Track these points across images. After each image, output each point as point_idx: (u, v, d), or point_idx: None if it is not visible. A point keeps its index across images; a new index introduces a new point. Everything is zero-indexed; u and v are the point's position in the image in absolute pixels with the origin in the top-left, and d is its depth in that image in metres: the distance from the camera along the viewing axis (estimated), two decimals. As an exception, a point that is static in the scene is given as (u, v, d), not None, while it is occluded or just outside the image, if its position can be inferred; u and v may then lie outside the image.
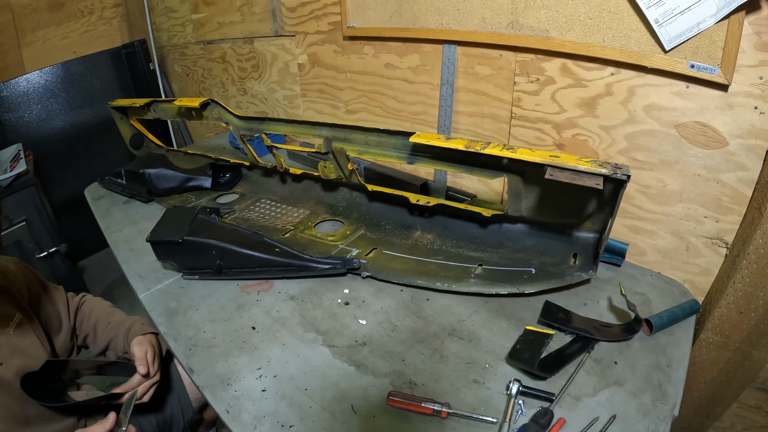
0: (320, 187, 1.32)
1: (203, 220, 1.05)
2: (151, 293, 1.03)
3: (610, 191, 0.82)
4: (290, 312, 0.95)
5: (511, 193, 0.95)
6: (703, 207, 0.92)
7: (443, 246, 1.07)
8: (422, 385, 0.77)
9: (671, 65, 0.85)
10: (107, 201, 1.48)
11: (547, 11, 0.97)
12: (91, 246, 2.55)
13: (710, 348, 0.95)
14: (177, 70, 2.48)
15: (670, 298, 0.93)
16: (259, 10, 1.69)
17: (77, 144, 2.41)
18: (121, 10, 2.54)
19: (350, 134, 1.10)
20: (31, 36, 2.27)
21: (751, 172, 0.84)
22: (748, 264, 0.84)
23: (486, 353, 0.82)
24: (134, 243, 1.22)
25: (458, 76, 1.22)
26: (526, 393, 0.73)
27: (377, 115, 1.48)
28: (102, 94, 2.44)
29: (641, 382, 0.75)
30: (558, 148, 1.10)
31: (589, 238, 0.93)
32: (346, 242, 1.13)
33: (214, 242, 1.00)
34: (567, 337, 0.84)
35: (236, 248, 1.00)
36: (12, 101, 2.22)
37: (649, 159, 0.96)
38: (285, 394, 0.76)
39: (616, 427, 0.68)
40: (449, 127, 1.28)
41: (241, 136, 1.32)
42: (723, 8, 0.75)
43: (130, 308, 1.11)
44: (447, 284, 0.95)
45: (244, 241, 1.02)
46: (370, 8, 1.30)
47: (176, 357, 0.87)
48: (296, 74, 1.71)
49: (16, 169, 1.89)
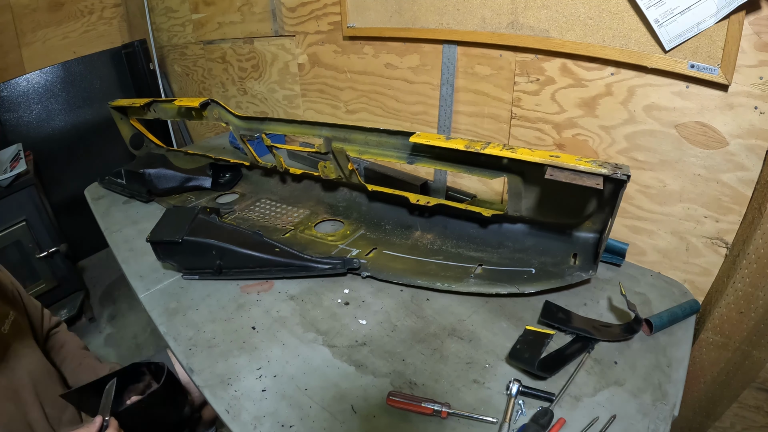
0: (320, 187, 1.32)
1: (203, 220, 1.05)
2: (151, 293, 1.03)
3: (610, 191, 0.82)
4: (290, 312, 0.95)
5: (511, 193, 0.95)
6: (703, 207, 0.92)
7: (443, 246, 1.07)
8: (422, 385, 0.77)
9: (671, 65, 0.85)
10: (107, 201, 1.48)
11: (547, 11, 0.97)
12: (91, 246, 2.55)
13: (710, 348, 0.95)
14: (177, 70, 2.48)
15: (670, 298, 0.93)
16: (259, 10, 1.69)
17: (77, 144, 2.42)
18: (121, 10, 2.54)
19: (350, 134, 1.10)
20: (31, 36, 2.27)
21: (751, 172, 0.84)
22: (748, 264, 0.84)
23: (486, 353, 0.82)
24: (134, 243, 1.22)
25: (458, 76, 1.22)
26: (526, 393, 0.73)
27: (377, 115, 1.48)
28: (102, 94, 2.45)
29: (641, 382, 0.75)
30: (558, 148, 1.10)
31: (589, 238, 0.93)
32: (346, 242, 1.13)
33: (214, 242, 1.00)
34: (567, 337, 0.84)
35: (236, 248, 1.00)
36: (12, 101, 2.22)
37: (649, 159, 0.97)
38: (285, 394, 0.76)
39: (616, 427, 0.68)
40: (449, 127, 1.29)
41: (241, 136, 1.32)
42: (723, 8, 0.75)
43: (130, 308, 1.11)
44: (447, 284, 0.95)
45: (244, 241, 1.02)
46: (370, 8, 1.30)
47: (176, 357, 0.87)
48: (296, 74, 1.71)
49: (16, 169, 1.89)
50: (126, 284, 1.10)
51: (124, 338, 2.10)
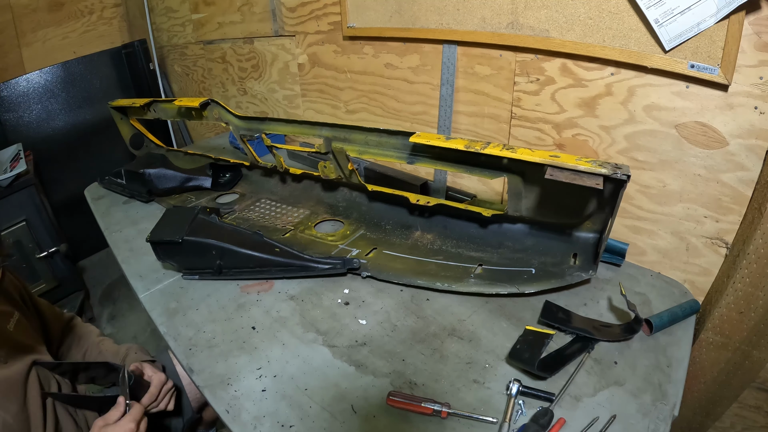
0: (320, 187, 1.32)
1: (203, 220, 1.05)
2: (151, 293, 1.03)
3: (610, 191, 0.82)
4: (290, 312, 0.95)
5: (511, 193, 0.95)
6: (703, 207, 0.92)
7: (443, 246, 1.07)
8: (422, 385, 0.77)
9: (671, 65, 0.85)
10: (107, 201, 1.48)
11: (547, 11, 0.97)
12: (91, 246, 2.55)
13: (710, 348, 0.95)
14: (177, 70, 2.48)
15: (670, 298, 0.93)
16: (259, 10, 1.69)
17: (77, 144, 2.41)
18: (121, 10, 2.54)
19: (350, 134, 1.10)
20: (31, 36, 2.27)
21: (751, 172, 0.84)
22: (748, 264, 0.84)
23: (486, 353, 0.82)
24: (134, 243, 1.22)
25: (458, 76, 1.22)
26: (526, 393, 0.73)
27: (377, 115, 1.48)
28: (102, 94, 2.45)
29: (641, 382, 0.75)
30: (558, 148, 1.10)
31: (589, 238, 0.93)
32: (346, 242, 1.13)
33: (214, 242, 1.00)
34: (567, 337, 0.84)
35: (236, 248, 1.00)
36: (12, 101, 2.22)
37: (649, 159, 0.97)
38: (285, 394, 0.76)
39: (616, 427, 0.68)
40: (449, 127, 1.29)
41: (241, 136, 1.32)
42: (723, 8, 0.75)
43: (130, 308, 1.11)
44: (447, 284, 0.95)
45: (244, 241, 1.01)
46: (370, 8, 1.30)
47: (176, 357, 0.87)
48: (296, 74, 1.71)
49: (16, 169, 1.89)
50: (126, 284, 1.10)
51: (124, 338, 2.10)
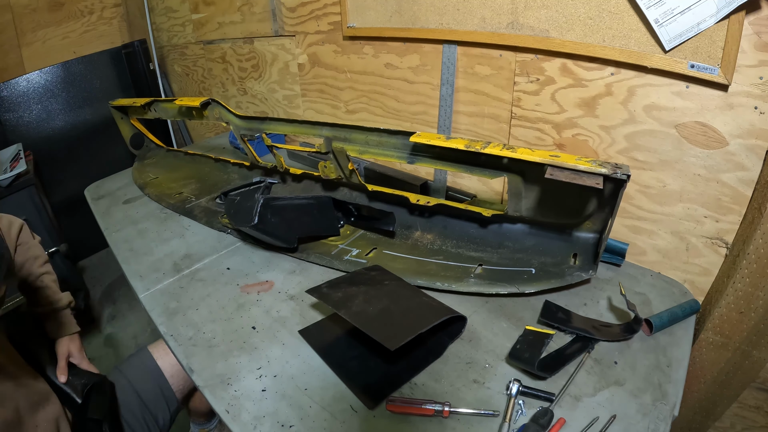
0: (320, 187, 1.31)
1: (268, 201, 1.04)
2: (151, 293, 1.03)
3: (610, 191, 0.82)
4: (290, 312, 0.95)
5: (511, 193, 0.95)
6: (703, 207, 0.92)
7: (443, 246, 1.07)
8: (422, 385, 0.77)
9: (671, 65, 0.85)
10: (107, 201, 1.48)
11: (547, 11, 0.97)
12: (91, 246, 2.55)
13: (710, 348, 0.95)
14: (177, 70, 2.48)
15: (670, 298, 0.93)
16: (259, 10, 1.69)
17: (77, 144, 2.42)
18: (121, 10, 2.54)
19: (350, 134, 1.10)
20: (31, 36, 2.27)
21: (751, 172, 0.84)
22: (748, 264, 0.84)
23: (486, 353, 0.82)
24: (134, 243, 1.22)
25: (458, 76, 1.22)
26: (526, 393, 0.73)
27: (377, 115, 1.48)
28: (102, 94, 2.45)
29: (641, 382, 0.75)
30: (558, 148, 1.10)
31: (589, 238, 0.93)
32: (346, 242, 1.13)
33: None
34: (567, 337, 0.84)
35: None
36: (12, 101, 2.22)
37: (649, 159, 0.97)
38: (285, 394, 0.76)
39: (616, 427, 0.68)
40: (449, 127, 1.29)
41: (242, 135, 1.32)
42: (723, 8, 0.75)
43: (130, 308, 1.11)
44: (447, 284, 0.95)
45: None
46: (370, 8, 1.30)
47: (176, 357, 0.87)
48: (296, 74, 1.71)
49: (16, 169, 1.89)
50: (126, 284, 1.10)
51: (124, 338, 2.10)
